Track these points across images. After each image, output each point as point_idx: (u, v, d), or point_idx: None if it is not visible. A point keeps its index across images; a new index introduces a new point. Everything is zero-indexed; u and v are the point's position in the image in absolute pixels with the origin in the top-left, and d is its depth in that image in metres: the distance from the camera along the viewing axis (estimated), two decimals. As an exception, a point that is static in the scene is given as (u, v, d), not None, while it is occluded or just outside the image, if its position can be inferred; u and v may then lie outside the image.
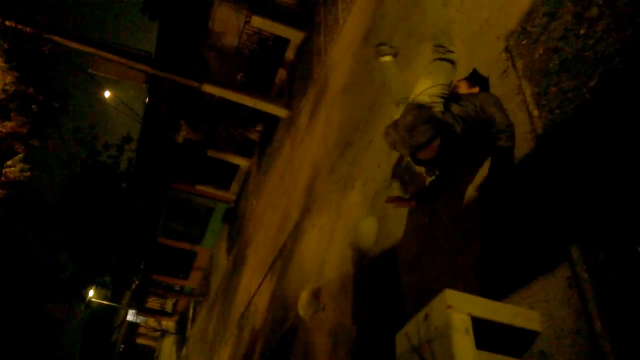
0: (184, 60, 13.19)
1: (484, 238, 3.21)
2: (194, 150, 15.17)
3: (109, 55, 10.47)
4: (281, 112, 11.80)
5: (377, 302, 4.58)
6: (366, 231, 5.09)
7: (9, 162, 12.75)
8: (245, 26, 12.82)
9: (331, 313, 5.60)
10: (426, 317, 2.50)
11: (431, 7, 3.58)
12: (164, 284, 22.25)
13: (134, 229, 18.38)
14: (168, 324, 25.36)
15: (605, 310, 2.23)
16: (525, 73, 3.19)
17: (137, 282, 21.55)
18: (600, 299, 2.27)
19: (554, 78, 2.90)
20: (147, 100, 15.86)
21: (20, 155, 12.80)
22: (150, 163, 17.37)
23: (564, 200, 2.60)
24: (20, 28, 9.87)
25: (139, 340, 29.05)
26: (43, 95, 12.14)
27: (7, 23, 9.75)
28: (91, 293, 26.13)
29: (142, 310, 24.06)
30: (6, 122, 11.77)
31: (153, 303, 24.15)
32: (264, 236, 10.78)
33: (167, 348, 25.29)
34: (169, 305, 24.58)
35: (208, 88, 11.13)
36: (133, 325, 28.27)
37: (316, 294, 6.03)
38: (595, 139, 2.51)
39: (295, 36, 12.32)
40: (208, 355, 13.96)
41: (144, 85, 14.56)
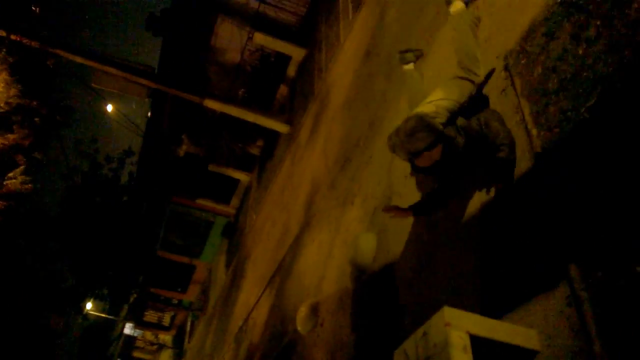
0: (187, 75, 13.28)
1: (483, 255, 3.22)
2: (195, 164, 15.19)
3: (112, 69, 10.53)
4: (282, 128, 11.85)
5: (376, 318, 4.56)
6: (365, 247, 5.08)
7: (11, 174, 12.77)
8: (247, 43, 12.96)
9: (329, 328, 5.58)
10: (424, 335, 2.50)
11: (459, 32, 3.60)
12: (162, 298, 22.13)
13: (133, 242, 18.34)
14: (165, 338, 25.17)
15: (604, 330, 2.22)
16: (524, 92, 3.22)
17: (135, 295, 21.44)
18: (599, 319, 2.26)
19: (553, 97, 2.93)
20: (149, 114, 15.95)
21: (21, 167, 12.82)
22: (151, 176, 17.39)
23: (563, 218, 2.61)
24: (25, 42, 9.96)
25: (136, 353, 28.76)
26: (46, 108, 12.22)
27: (12, 37, 9.85)
28: (89, 305, 25.98)
29: (140, 323, 23.89)
30: (9, 135, 11.81)
31: (151, 316, 23.97)
32: (263, 250, 10.76)
33: (164, 362, 25.11)
34: (167, 318, 24.40)
35: (210, 103, 11.19)
36: (130, 338, 28.03)
37: (315, 309, 6.00)
38: (594, 158, 2.53)
39: (296, 53, 12.43)
40: (205, 370, 13.86)
41: (147, 99, 14.68)
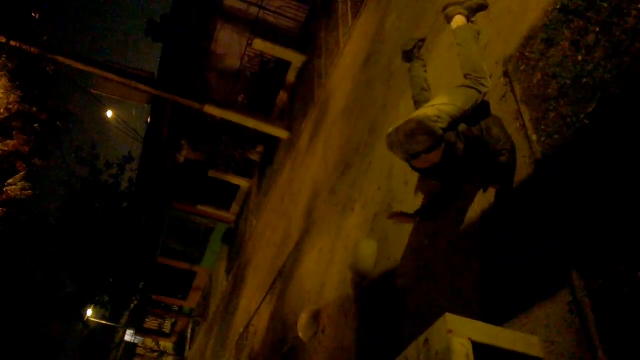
0: (187, 81, 13.30)
1: (485, 261, 3.21)
2: (195, 170, 15.20)
3: (112, 75, 10.55)
4: (282, 134, 11.85)
5: (377, 325, 4.55)
6: (366, 253, 5.07)
7: (10, 180, 12.75)
8: (247, 49, 12.98)
9: (331, 335, 5.56)
10: (426, 342, 2.49)
11: (464, 46, 3.54)
12: (163, 304, 22.09)
13: (134, 249, 18.34)
14: (166, 345, 25.12)
15: (607, 336, 2.22)
16: (524, 98, 3.22)
17: (136, 302, 21.42)
18: (602, 325, 2.25)
19: (553, 103, 2.93)
20: (149, 120, 15.96)
21: (21, 173, 12.81)
22: (151, 183, 17.39)
23: (565, 225, 2.61)
24: (25, 48, 9.98)
25: (137, 360, 28.74)
26: (46, 114, 12.22)
27: (12, 43, 9.87)
28: (89, 312, 25.93)
29: (140, 330, 23.84)
30: (8, 141, 11.81)
31: (151, 323, 23.93)
32: (264, 257, 10.74)
33: (165, 369, 25.02)
34: (168, 325, 24.35)
35: (210, 109, 11.20)
36: (131, 345, 27.98)
37: (316, 316, 5.98)
38: (594, 164, 2.53)
39: (296, 59, 12.44)
40: (206, 377, 13.81)
41: (146, 105, 14.69)
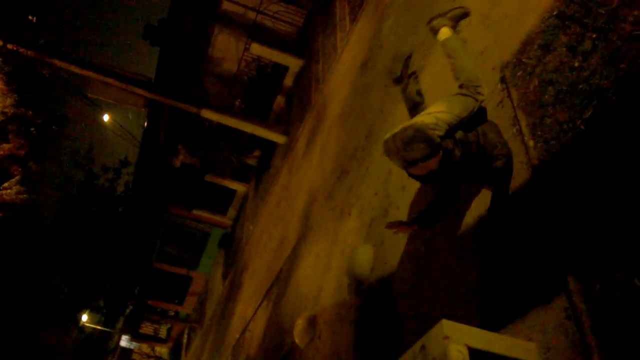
0: (184, 85, 13.30)
1: (481, 267, 3.20)
2: (192, 174, 15.17)
3: (109, 79, 10.54)
4: (279, 139, 11.85)
5: (374, 331, 4.53)
6: (363, 259, 5.05)
7: (6, 184, 12.72)
8: (244, 53, 12.99)
9: (327, 341, 5.54)
10: (423, 348, 2.47)
11: (455, 57, 3.50)
12: (159, 310, 22.01)
13: (130, 253, 18.25)
14: (162, 350, 25.01)
15: (604, 342, 2.21)
16: (520, 104, 3.23)
17: (132, 307, 21.31)
18: (598, 331, 2.25)
19: (549, 109, 2.93)
20: (146, 124, 15.91)
21: (17, 177, 12.77)
22: (147, 187, 17.34)
23: (561, 230, 2.60)
24: (21, 52, 9.97)
25: (132, 366, 28.59)
26: (42, 118, 12.19)
27: (9, 46, 9.86)
28: (85, 317, 25.81)
29: (136, 335, 23.73)
30: (4, 144, 11.78)
31: (147, 329, 23.83)
32: (260, 262, 10.71)
33: (160, 375, 24.90)
34: (163, 331, 24.25)
35: (207, 113, 11.20)
36: (126, 351, 27.86)
37: (312, 322, 5.96)
38: (591, 170, 2.53)
39: (293, 64, 12.47)
40: (201, 383, 13.74)
41: (143, 109, 14.66)
